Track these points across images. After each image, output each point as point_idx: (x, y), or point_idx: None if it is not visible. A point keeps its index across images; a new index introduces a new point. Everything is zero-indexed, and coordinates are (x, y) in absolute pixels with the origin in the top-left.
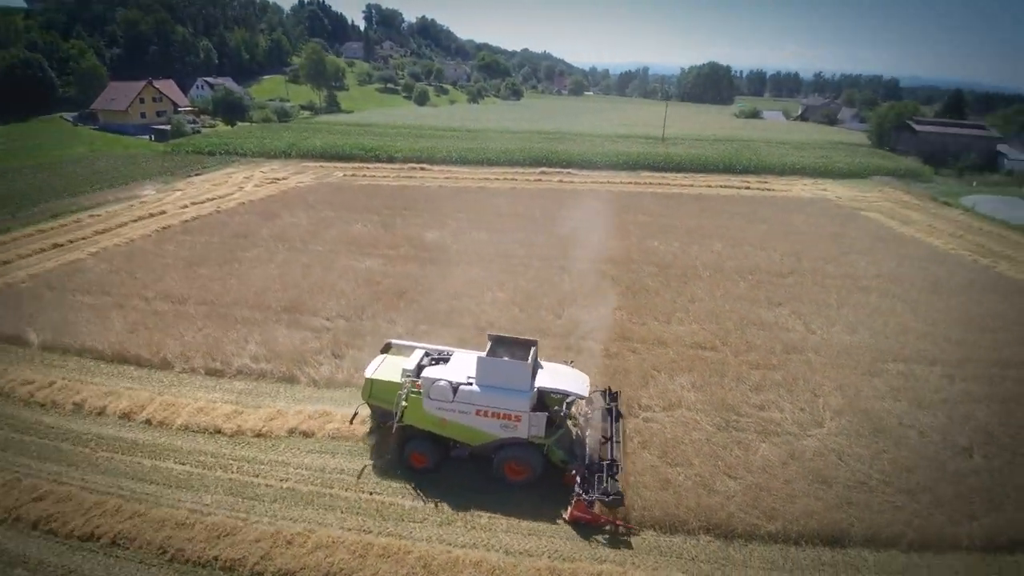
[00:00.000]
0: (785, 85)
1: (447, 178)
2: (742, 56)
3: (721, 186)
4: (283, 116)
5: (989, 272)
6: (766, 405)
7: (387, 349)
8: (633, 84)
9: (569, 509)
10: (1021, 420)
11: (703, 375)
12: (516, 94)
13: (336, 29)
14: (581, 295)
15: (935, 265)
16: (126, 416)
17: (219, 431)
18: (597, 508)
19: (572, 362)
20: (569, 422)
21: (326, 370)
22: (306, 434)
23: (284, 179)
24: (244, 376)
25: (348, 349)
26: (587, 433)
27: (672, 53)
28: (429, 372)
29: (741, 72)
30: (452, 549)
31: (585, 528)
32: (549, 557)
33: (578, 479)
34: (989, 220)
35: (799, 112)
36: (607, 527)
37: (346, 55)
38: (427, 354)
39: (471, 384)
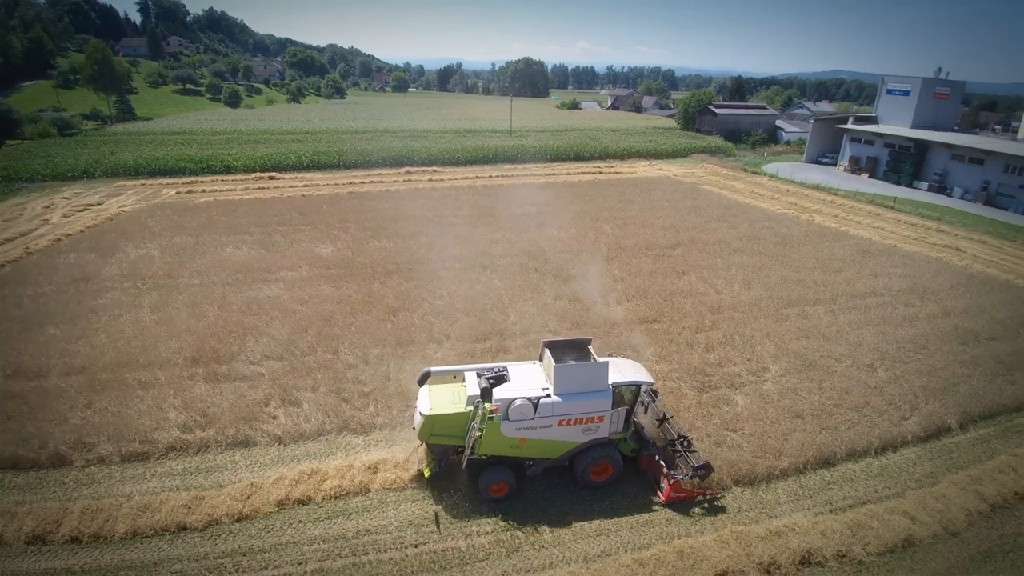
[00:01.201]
0: (584, 78)
1: (306, 186)
2: (539, 52)
3: (580, 173)
4: (65, 129)
5: (812, 224)
6: (722, 362)
7: (425, 380)
8: (453, 80)
9: (664, 492)
10: (893, 336)
11: (662, 346)
12: (339, 92)
13: (107, 24)
14: (519, 292)
15: (775, 224)
16: (38, 539)
17: (184, 527)
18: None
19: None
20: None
21: (286, 422)
22: (301, 501)
23: (100, 205)
24: (181, 452)
25: (303, 392)
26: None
27: (478, 49)
28: (501, 393)
29: (546, 67)
30: (600, 563)
31: (649, 510)
32: (627, 550)
33: (661, 461)
34: (789, 182)
35: (610, 102)
36: (698, 499)
37: (125, 52)
38: (480, 375)
39: (550, 396)
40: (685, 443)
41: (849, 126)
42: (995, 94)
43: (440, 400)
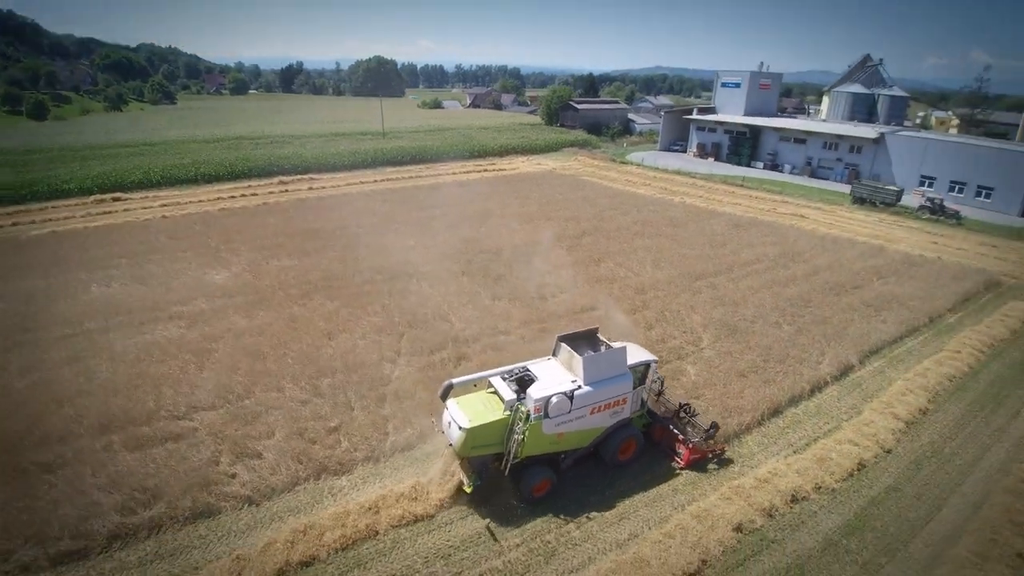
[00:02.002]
0: (434, 77)
1: (164, 205)
2: (381, 50)
3: (466, 172)
4: None
5: (686, 206)
6: (664, 338)
7: (448, 392)
8: (298, 80)
9: (683, 456)
10: (784, 295)
11: (609, 331)
12: (168, 97)
13: None
14: (455, 297)
15: (657, 207)
16: None
17: None
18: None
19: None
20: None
21: (250, 479)
22: (305, 563)
23: None
24: (128, 540)
25: (259, 441)
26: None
27: (316, 48)
28: (537, 392)
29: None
30: (634, 545)
31: (655, 484)
32: (650, 527)
33: (675, 430)
34: (654, 169)
35: (469, 101)
36: (711, 456)
37: None
38: (504, 378)
39: (580, 387)
40: (689, 409)
41: (694, 116)
42: (788, 82)
43: (476, 411)
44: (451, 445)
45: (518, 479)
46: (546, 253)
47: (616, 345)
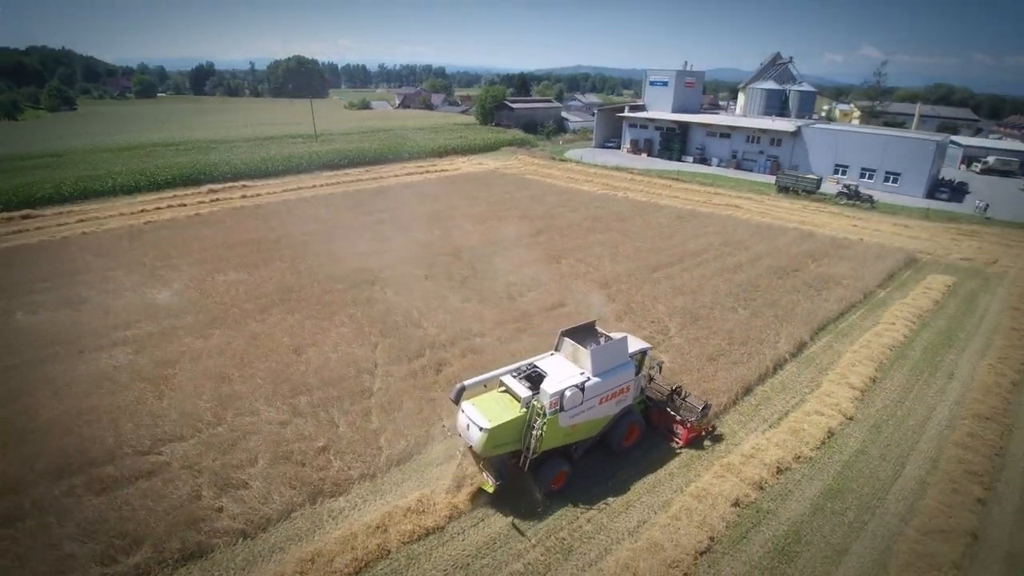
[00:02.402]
0: (357, 77)
1: (82, 221)
2: (300, 49)
3: (408, 173)
4: None
5: (629, 200)
6: (634, 329)
7: (461, 395)
8: (211, 82)
9: (682, 436)
10: (735, 281)
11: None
12: (68, 102)
13: None
14: (424, 302)
15: (603, 203)
16: None
17: None
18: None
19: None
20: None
21: (240, 511)
22: None
23: None
24: None
25: (242, 470)
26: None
27: (226, 47)
28: (551, 387)
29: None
30: (645, 530)
31: (651, 470)
32: (655, 511)
33: (672, 412)
34: (592, 166)
35: (399, 101)
36: (704, 434)
37: None
38: (514, 376)
39: (590, 378)
40: (681, 392)
41: (626, 114)
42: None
43: (493, 410)
44: (471, 447)
45: (535, 474)
46: (505, 252)
47: (616, 336)
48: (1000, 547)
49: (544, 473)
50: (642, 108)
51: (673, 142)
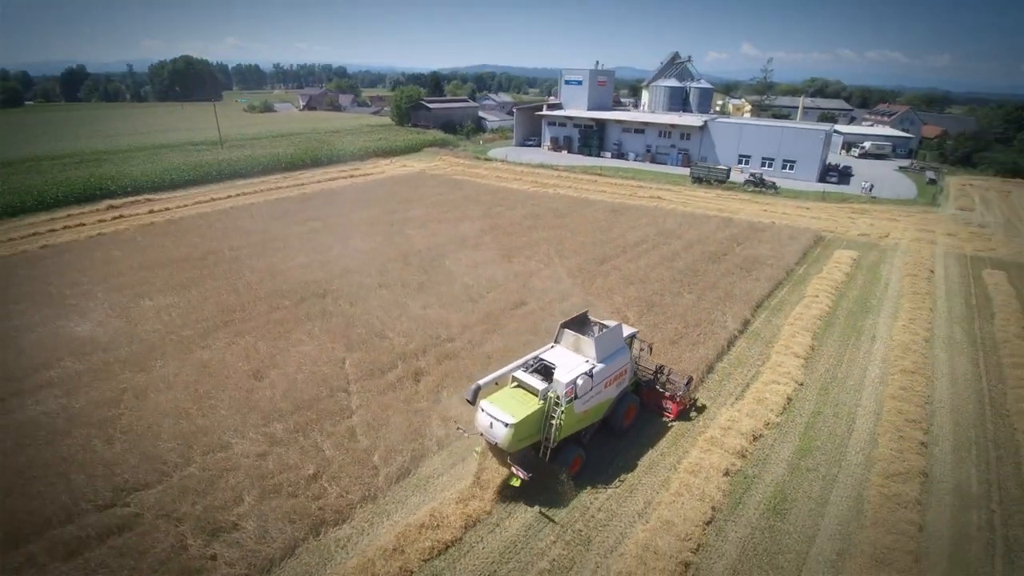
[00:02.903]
0: (250, 77)
1: None
2: (181, 48)
3: (331, 179)
4: None
5: (562, 197)
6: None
7: (477, 395)
8: (85, 86)
9: (672, 410)
10: (675, 268)
11: (550, 323)
12: None
13: None
14: (384, 311)
15: (538, 200)
16: None
17: None
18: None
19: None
20: None
21: (236, 555)
22: None
23: None
24: None
25: (227, 511)
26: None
27: (96, 48)
28: (564, 377)
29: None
30: (653, 511)
31: (644, 453)
32: (658, 491)
33: (661, 388)
34: (518, 164)
35: (304, 103)
36: (689, 406)
37: None
38: (525, 369)
39: (595, 365)
40: (664, 370)
41: (545, 113)
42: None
43: (512, 406)
44: (495, 444)
45: (554, 462)
46: (455, 255)
47: (611, 323)
48: (947, 482)
49: (562, 460)
50: (559, 107)
51: (591, 139)
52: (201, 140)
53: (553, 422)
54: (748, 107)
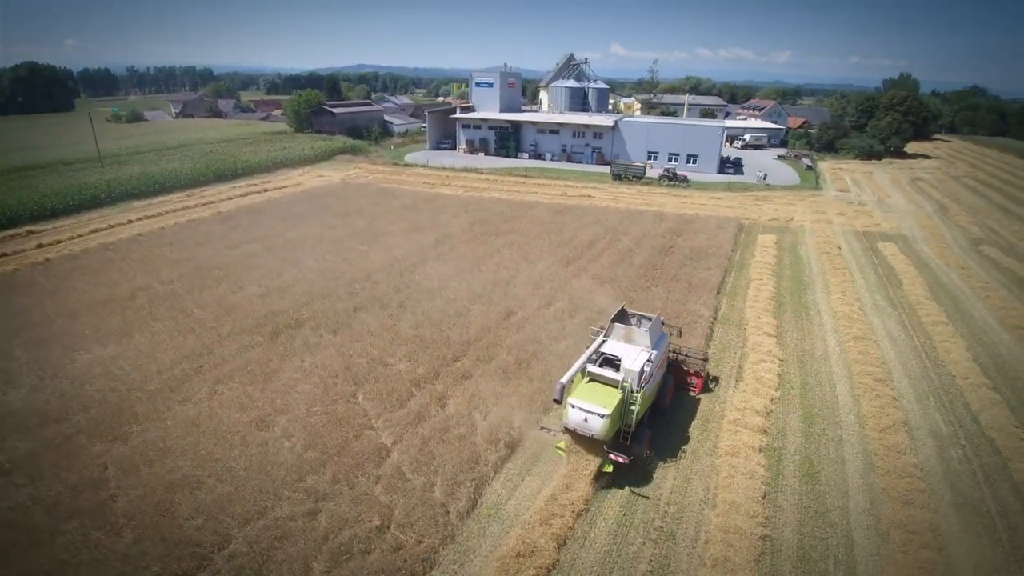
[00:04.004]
0: (99, 83)
1: None
2: (12, 54)
3: (244, 194)
4: None
5: (500, 200)
6: (591, 320)
7: (563, 392)
8: None
9: (696, 385)
10: (636, 264)
11: (554, 329)
12: None
13: None
14: (375, 337)
15: (479, 205)
16: None
17: None
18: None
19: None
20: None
21: None
22: None
23: None
24: None
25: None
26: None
27: None
28: (634, 366)
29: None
30: (715, 495)
31: (678, 439)
32: (710, 475)
33: (684, 367)
34: (441, 169)
35: (177, 110)
36: (709, 379)
37: None
38: (595, 362)
39: (652, 352)
40: (680, 350)
41: (459, 115)
42: None
43: (599, 399)
44: (592, 436)
45: (634, 443)
46: (421, 268)
47: (649, 315)
48: (923, 428)
49: (638, 441)
50: (471, 109)
51: (508, 140)
52: (75, 158)
53: (633, 408)
54: (638, 105)
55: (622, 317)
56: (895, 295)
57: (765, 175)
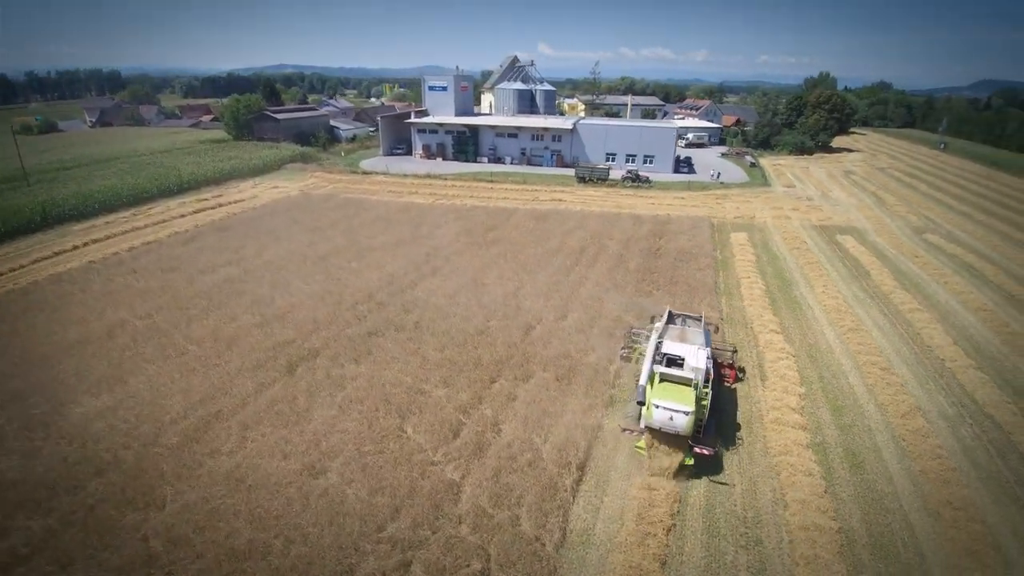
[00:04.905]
0: None
1: None
2: None
3: (195, 211)
4: None
5: (476, 208)
6: (612, 329)
7: (645, 392)
8: None
9: (729, 376)
10: (632, 269)
11: (568, 337)
12: None
13: None
14: (401, 367)
15: (459, 214)
16: None
17: None
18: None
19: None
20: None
21: None
22: None
23: None
24: None
25: None
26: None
27: None
28: (697, 363)
29: None
30: (776, 470)
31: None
32: (767, 455)
33: (718, 360)
34: (403, 176)
35: (93, 119)
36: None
37: None
38: (662, 362)
39: (707, 349)
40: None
41: (415, 120)
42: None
43: (679, 397)
44: (677, 432)
45: (707, 434)
46: (422, 285)
47: (693, 315)
48: (933, 411)
49: (709, 432)
50: (424, 113)
51: (467, 145)
52: None
53: (704, 403)
54: (582, 106)
55: (670, 319)
56: (868, 286)
57: (719, 174)
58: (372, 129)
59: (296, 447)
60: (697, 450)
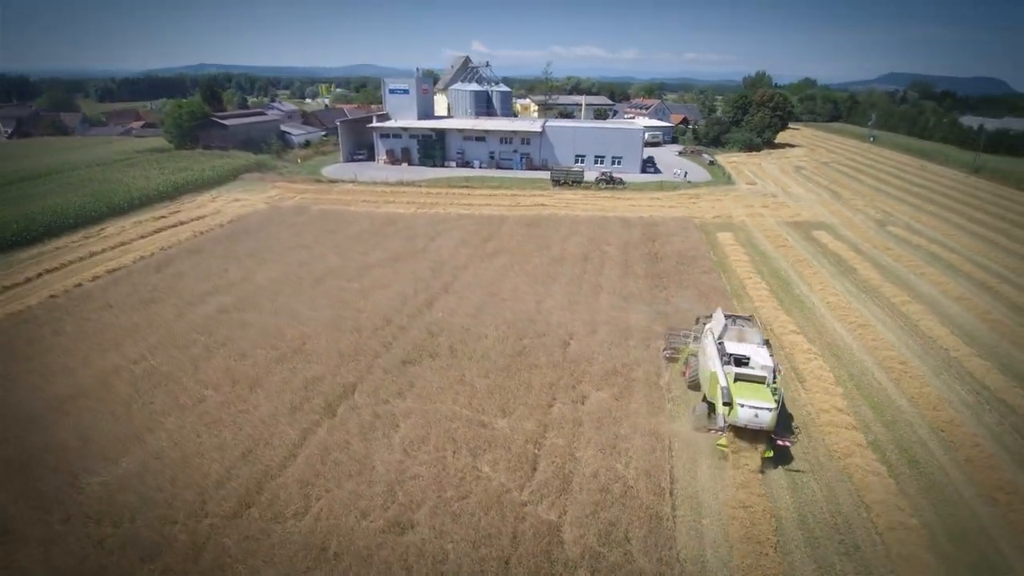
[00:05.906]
0: None
1: None
2: None
3: (156, 231)
4: None
5: (461, 216)
6: (647, 337)
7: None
8: None
9: None
10: (641, 275)
11: (605, 349)
12: None
13: None
14: (448, 396)
15: (448, 223)
16: None
17: None
18: None
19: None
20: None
21: None
22: None
23: None
24: None
25: None
26: None
27: None
28: (765, 360)
29: None
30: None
31: None
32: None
33: None
34: (371, 184)
35: (9, 129)
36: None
37: None
38: (729, 362)
39: (767, 346)
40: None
41: (378, 125)
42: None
43: (758, 395)
44: (762, 428)
45: (778, 429)
46: (437, 304)
47: (744, 315)
48: (956, 400)
49: (782, 426)
50: (386, 117)
51: (433, 149)
52: None
53: (778, 399)
54: (535, 107)
55: (724, 318)
56: (857, 281)
57: (685, 173)
58: (324, 133)
59: (371, 501)
60: (780, 442)
